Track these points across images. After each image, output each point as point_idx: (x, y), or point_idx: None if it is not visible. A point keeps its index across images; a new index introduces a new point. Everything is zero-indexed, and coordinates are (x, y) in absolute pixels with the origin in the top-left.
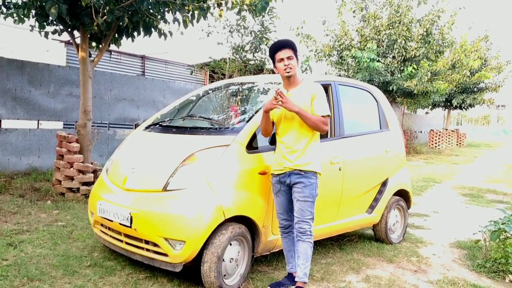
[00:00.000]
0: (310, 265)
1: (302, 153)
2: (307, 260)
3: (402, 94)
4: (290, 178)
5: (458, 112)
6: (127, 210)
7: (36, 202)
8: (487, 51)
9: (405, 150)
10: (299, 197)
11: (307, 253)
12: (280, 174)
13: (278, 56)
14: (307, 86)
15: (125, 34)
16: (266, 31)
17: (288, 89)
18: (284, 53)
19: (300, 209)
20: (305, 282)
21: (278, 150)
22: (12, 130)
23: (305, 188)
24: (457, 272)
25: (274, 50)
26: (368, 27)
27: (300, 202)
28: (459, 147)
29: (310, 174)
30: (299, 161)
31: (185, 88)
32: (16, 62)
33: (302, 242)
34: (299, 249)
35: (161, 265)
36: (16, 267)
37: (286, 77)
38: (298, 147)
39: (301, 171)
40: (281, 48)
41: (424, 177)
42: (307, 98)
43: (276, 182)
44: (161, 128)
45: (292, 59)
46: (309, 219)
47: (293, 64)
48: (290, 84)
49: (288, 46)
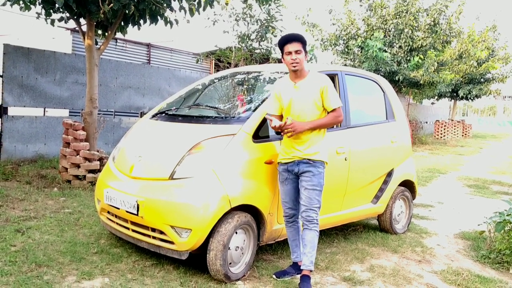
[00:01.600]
0: (315, 254)
1: (311, 142)
2: (313, 249)
3: (408, 84)
4: (299, 167)
5: (464, 103)
6: (134, 198)
7: (42, 189)
8: (494, 41)
9: (411, 141)
10: (307, 185)
11: (313, 242)
12: (288, 163)
13: (286, 48)
14: (315, 78)
15: (131, 22)
16: (272, 20)
17: (295, 81)
18: (293, 46)
19: (308, 197)
20: (311, 270)
21: (286, 139)
22: (19, 117)
23: (313, 177)
24: (461, 263)
25: (283, 43)
26: (374, 16)
27: (308, 191)
28: (464, 138)
29: (319, 164)
30: (309, 150)
31: (191, 77)
32: (23, 49)
33: (309, 230)
34: (306, 238)
35: (167, 253)
36: (24, 253)
37: (292, 71)
38: (307, 137)
39: (310, 160)
40: (290, 41)
41: (429, 168)
42: (315, 90)
43: (284, 171)
44: (167, 116)
45: (300, 53)
46: (317, 207)
47: (300, 59)
48: (297, 77)
49: (297, 39)
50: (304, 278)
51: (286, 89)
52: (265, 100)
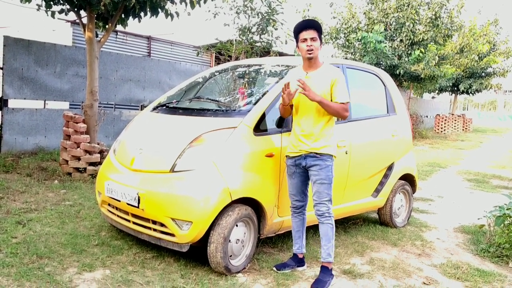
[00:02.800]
0: (333, 246)
1: (319, 136)
2: (329, 241)
3: (409, 78)
4: (306, 161)
5: (465, 97)
6: (134, 190)
7: (43, 181)
8: (496, 35)
9: (411, 135)
10: (316, 179)
11: (328, 234)
12: (296, 157)
13: (302, 36)
14: (327, 70)
15: (132, 14)
16: (273, 13)
17: (307, 71)
18: (308, 33)
19: (317, 191)
20: (330, 261)
21: (294, 132)
22: (19, 109)
23: (321, 171)
24: (461, 256)
25: (299, 30)
26: (376, 10)
27: (316, 185)
28: (465, 132)
29: (326, 157)
30: (316, 144)
31: (191, 70)
32: (23, 41)
33: (321, 224)
34: (320, 231)
35: (168, 245)
36: (25, 245)
37: (307, 59)
38: (314, 130)
39: (317, 153)
40: (305, 28)
41: (429, 162)
42: (326, 82)
43: (291, 164)
44: (168, 109)
45: (316, 40)
46: (326, 200)
47: (315, 46)
48: (311, 66)
49: (313, 27)
50: (323, 268)
51: (297, 78)
52: (266, 94)
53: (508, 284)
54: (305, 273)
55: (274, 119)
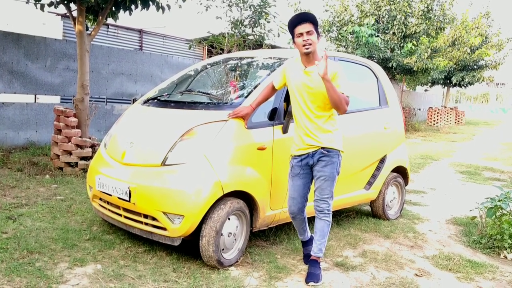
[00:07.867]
0: (326, 242)
1: (324, 131)
2: (323, 237)
3: (401, 71)
4: (313, 158)
5: (457, 90)
6: (126, 184)
7: (34, 176)
8: (488, 28)
9: (404, 127)
10: (320, 175)
11: (324, 231)
12: (303, 155)
13: (297, 30)
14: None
15: (123, 7)
16: (265, 6)
17: (306, 66)
18: (304, 27)
19: (319, 187)
20: (319, 256)
21: (298, 130)
22: (9, 104)
23: (325, 167)
24: (453, 248)
25: (293, 24)
26: (368, 3)
27: (320, 180)
28: (457, 125)
29: (334, 153)
30: (322, 139)
31: (183, 63)
32: (12, 35)
33: (319, 220)
34: (317, 226)
35: (159, 239)
36: (15, 240)
37: (305, 54)
38: (319, 126)
39: (324, 149)
40: (300, 22)
41: (422, 154)
42: None
43: (297, 165)
44: (159, 102)
45: (312, 34)
46: (328, 198)
47: (312, 40)
48: (309, 61)
49: (308, 20)
50: (312, 262)
51: (295, 71)
52: (257, 86)
53: (500, 275)
54: (297, 266)
55: (266, 112)
